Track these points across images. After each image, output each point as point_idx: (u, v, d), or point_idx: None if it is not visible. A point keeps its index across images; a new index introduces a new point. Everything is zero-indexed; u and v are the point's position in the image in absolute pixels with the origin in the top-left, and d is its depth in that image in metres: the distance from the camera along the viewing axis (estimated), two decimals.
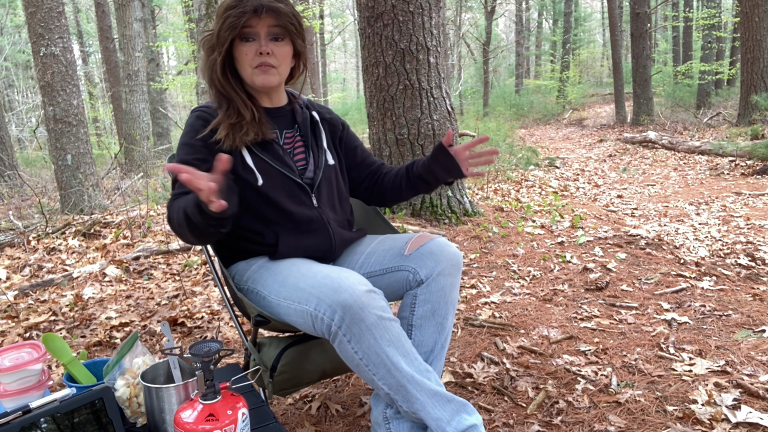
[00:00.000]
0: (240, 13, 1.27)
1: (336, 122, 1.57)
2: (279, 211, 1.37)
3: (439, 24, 3.73)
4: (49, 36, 5.44)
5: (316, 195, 1.42)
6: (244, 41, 1.32)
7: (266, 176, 1.35)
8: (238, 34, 1.31)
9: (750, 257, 3.09)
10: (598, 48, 27.96)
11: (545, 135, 13.64)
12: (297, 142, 1.47)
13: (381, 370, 1.15)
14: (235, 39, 1.32)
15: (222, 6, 1.31)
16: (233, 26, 1.29)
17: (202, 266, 3.26)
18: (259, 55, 1.32)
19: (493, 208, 4.23)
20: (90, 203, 5.63)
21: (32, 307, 2.74)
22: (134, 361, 1.17)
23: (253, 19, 1.30)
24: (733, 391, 1.61)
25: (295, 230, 1.38)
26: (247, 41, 1.32)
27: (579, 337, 2.08)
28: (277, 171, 1.37)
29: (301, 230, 1.39)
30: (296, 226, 1.39)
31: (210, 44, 1.35)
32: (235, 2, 1.29)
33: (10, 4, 19.32)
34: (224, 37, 1.31)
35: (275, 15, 1.30)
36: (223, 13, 1.30)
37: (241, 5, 1.28)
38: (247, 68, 1.34)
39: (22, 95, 21.01)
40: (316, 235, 1.40)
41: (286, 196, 1.37)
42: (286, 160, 1.40)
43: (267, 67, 1.34)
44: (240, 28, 1.30)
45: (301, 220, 1.39)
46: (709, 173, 6.90)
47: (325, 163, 1.47)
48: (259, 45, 1.32)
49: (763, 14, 9.08)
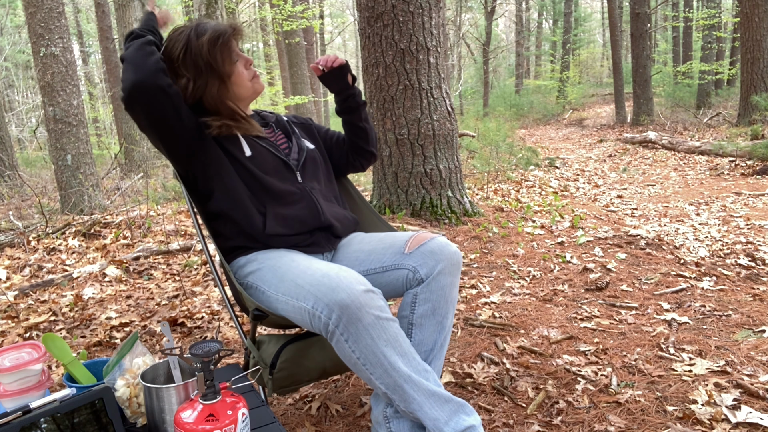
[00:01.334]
0: (228, 38, 1.41)
1: (302, 120, 1.72)
2: (264, 187, 1.42)
3: (439, 24, 3.73)
4: (49, 36, 5.44)
5: (300, 172, 1.50)
6: (236, 63, 1.45)
7: (255, 151, 1.44)
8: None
9: (750, 257, 3.09)
10: (598, 48, 27.96)
11: (545, 135, 13.64)
12: (278, 135, 1.58)
13: (378, 369, 1.15)
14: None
15: (204, 44, 1.38)
16: (230, 52, 1.42)
17: (202, 266, 3.26)
18: (249, 68, 1.48)
19: (493, 208, 4.23)
20: (90, 203, 5.63)
21: (32, 307, 2.74)
22: (134, 362, 1.17)
23: (234, 41, 1.44)
24: (733, 392, 1.61)
25: (282, 203, 1.44)
26: (237, 62, 1.45)
27: (579, 337, 2.08)
28: (265, 149, 1.47)
29: (287, 202, 1.44)
30: (282, 199, 1.44)
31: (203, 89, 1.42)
32: (216, 34, 1.39)
33: (10, 4, 19.33)
34: (230, 68, 1.43)
35: (239, 30, 1.46)
36: (212, 47, 1.39)
37: (223, 33, 1.40)
38: (246, 83, 1.47)
39: (22, 95, 21.02)
40: (302, 206, 1.46)
41: (272, 173, 1.44)
42: (273, 144, 1.51)
43: (256, 74, 1.50)
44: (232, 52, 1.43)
45: (286, 193, 1.44)
46: (709, 173, 6.90)
47: (306, 147, 1.58)
48: (245, 60, 1.47)
49: (763, 14, 9.08)
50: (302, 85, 11.69)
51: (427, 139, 3.72)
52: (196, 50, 1.38)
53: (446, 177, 3.79)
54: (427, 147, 3.72)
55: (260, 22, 15.73)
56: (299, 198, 1.46)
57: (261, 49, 21.22)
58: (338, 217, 1.53)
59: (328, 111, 18.55)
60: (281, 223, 1.41)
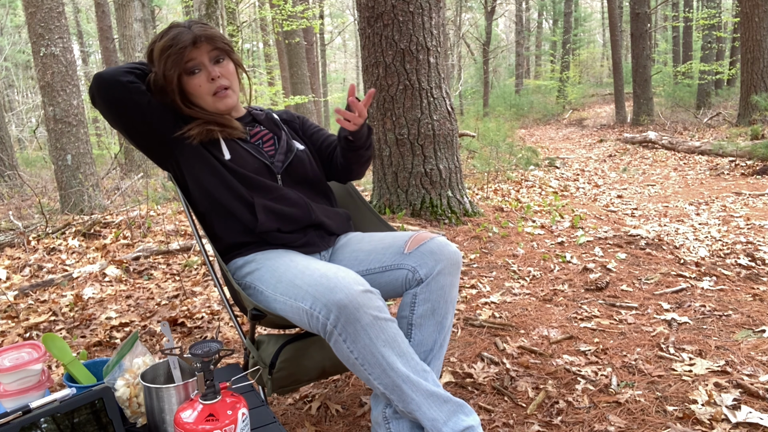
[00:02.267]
0: (180, 49, 1.35)
1: (292, 118, 1.67)
2: (248, 181, 1.41)
3: (439, 24, 3.73)
4: (49, 36, 5.44)
5: (282, 176, 1.48)
6: (191, 75, 1.40)
7: (235, 154, 1.43)
8: (183, 69, 1.38)
9: (750, 257, 3.09)
10: (598, 48, 27.96)
11: (545, 135, 13.64)
12: (265, 135, 1.55)
13: (376, 369, 1.15)
14: (181, 75, 1.40)
15: (157, 49, 1.37)
16: (176, 62, 1.36)
17: (202, 266, 3.26)
18: (211, 81, 1.40)
19: (493, 208, 4.23)
20: (90, 203, 5.63)
21: (32, 307, 2.74)
22: (134, 361, 1.17)
23: (192, 52, 1.37)
24: (733, 391, 1.61)
25: (269, 197, 1.43)
26: (194, 74, 1.40)
27: (579, 337, 2.08)
28: (246, 152, 1.45)
29: (274, 197, 1.43)
30: (269, 193, 1.43)
31: (159, 88, 1.40)
32: (170, 41, 1.35)
33: (10, 4, 19.32)
34: (171, 76, 1.37)
35: (210, 41, 1.39)
36: (161, 54, 1.36)
37: (178, 42, 1.35)
38: (206, 98, 1.42)
39: (22, 95, 21.01)
40: (290, 203, 1.44)
41: (254, 172, 1.43)
42: (255, 147, 1.49)
43: (224, 91, 1.42)
44: (183, 63, 1.37)
45: (272, 188, 1.44)
46: (709, 173, 6.90)
47: (296, 148, 1.54)
48: (207, 73, 1.40)
49: (763, 14, 9.08)
50: (302, 85, 11.69)
51: (427, 139, 3.72)
52: (153, 53, 1.39)
53: (446, 177, 3.79)
54: (427, 147, 3.72)
55: (260, 22, 15.73)
56: (286, 195, 1.45)
57: (261, 49, 21.22)
58: (328, 214, 1.53)
59: (328, 111, 18.55)
60: (272, 217, 1.41)
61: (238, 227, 1.43)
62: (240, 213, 1.41)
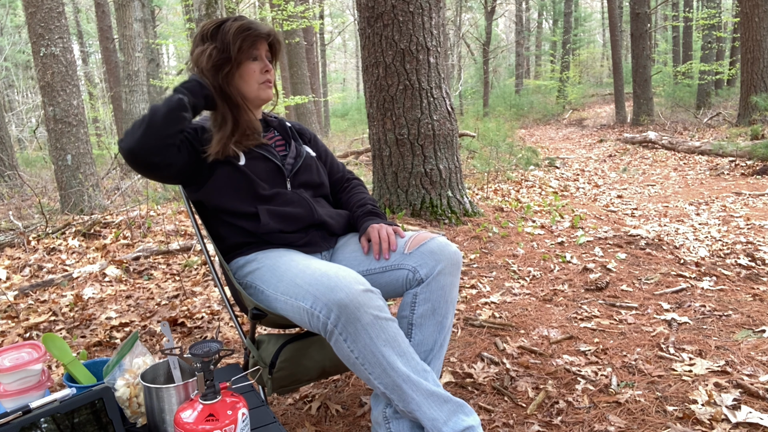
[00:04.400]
0: (258, 34, 1.45)
1: (304, 131, 1.71)
2: (254, 191, 1.44)
3: (439, 24, 3.73)
4: (49, 36, 5.44)
5: (291, 179, 1.50)
6: (253, 60, 1.48)
7: (249, 156, 1.46)
8: (246, 53, 1.46)
9: (750, 257, 3.09)
10: (598, 48, 27.96)
11: (545, 135, 13.64)
12: (276, 139, 1.59)
13: (377, 369, 1.15)
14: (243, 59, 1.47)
15: (234, 28, 1.43)
16: (252, 45, 1.45)
17: (202, 266, 3.26)
18: (264, 73, 1.49)
19: (493, 209, 4.23)
20: (90, 203, 5.63)
21: (32, 307, 2.74)
22: (134, 362, 1.17)
23: (263, 42, 1.48)
24: (733, 392, 1.61)
25: (273, 204, 1.46)
26: (255, 60, 1.48)
27: (579, 338, 2.08)
28: (260, 155, 1.47)
29: (278, 203, 1.46)
30: (273, 201, 1.46)
31: (217, 61, 1.44)
32: (249, 26, 1.44)
33: (10, 4, 19.33)
34: (240, 56, 1.44)
35: (276, 43, 1.52)
36: (239, 33, 1.43)
37: (255, 29, 1.45)
38: (253, 84, 1.49)
39: (22, 95, 21.01)
40: (295, 205, 1.47)
41: (263, 179, 1.45)
42: (267, 148, 1.51)
43: (269, 84, 1.51)
44: (249, 49, 1.46)
45: (277, 195, 1.46)
46: (709, 173, 6.90)
47: (305, 153, 1.58)
48: (264, 64, 1.49)
49: (763, 14, 9.08)
50: (302, 85, 11.69)
51: (427, 139, 3.72)
52: (226, 28, 1.43)
53: (446, 177, 3.79)
54: (427, 147, 3.72)
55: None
56: (290, 199, 1.47)
57: None
58: (331, 214, 1.54)
59: (328, 111, 18.55)
60: (275, 219, 1.43)
61: (242, 228, 1.44)
62: (245, 216, 1.43)
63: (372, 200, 1.63)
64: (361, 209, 1.58)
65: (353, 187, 1.69)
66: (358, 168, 8.06)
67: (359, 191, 1.67)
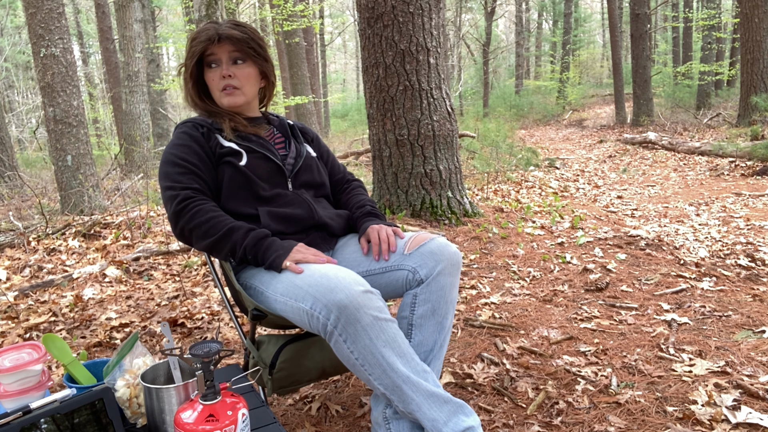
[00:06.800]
0: (200, 42, 1.44)
1: (307, 131, 1.71)
2: (255, 192, 1.44)
3: (439, 25, 3.74)
4: (50, 37, 5.44)
5: (292, 180, 1.50)
6: (209, 67, 1.48)
7: (250, 159, 1.45)
8: (204, 61, 1.48)
9: (750, 258, 3.09)
10: (598, 49, 27.97)
11: (545, 136, 13.64)
12: (276, 137, 1.59)
13: (377, 370, 1.15)
14: (204, 67, 1.49)
15: (188, 39, 1.48)
16: (194, 54, 1.46)
17: (202, 267, 3.26)
18: (222, 79, 1.47)
19: (493, 209, 4.23)
20: (90, 204, 5.63)
21: (32, 307, 2.74)
22: (134, 362, 1.17)
23: (213, 47, 1.45)
24: (733, 392, 1.61)
25: (273, 205, 1.46)
26: (211, 67, 1.48)
27: (579, 338, 2.08)
28: (261, 154, 1.47)
29: (279, 204, 1.46)
30: (273, 202, 1.46)
31: (184, 74, 1.51)
32: (196, 34, 1.46)
33: (10, 5, 19.34)
34: (189, 65, 1.48)
35: (231, 41, 1.45)
36: (188, 44, 1.48)
37: (201, 35, 1.45)
38: (215, 92, 1.50)
39: (22, 96, 21.01)
40: (295, 206, 1.47)
41: (264, 179, 1.45)
42: (268, 147, 1.51)
43: (231, 89, 1.48)
44: (204, 56, 1.47)
45: (277, 196, 1.46)
46: (709, 174, 6.90)
47: (306, 152, 1.58)
48: (222, 70, 1.47)
49: (763, 15, 9.09)
50: (302, 85, 11.70)
51: (427, 139, 3.72)
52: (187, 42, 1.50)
53: (446, 177, 3.79)
54: (427, 148, 3.73)
55: (260, 23, 15.75)
56: (291, 200, 1.47)
57: None
58: (331, 216, 1.54)
59: (328, 112, 18.56)
60: (275, 221, 1.43)
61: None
62: (246, 218, 1.43)
63: (371, 201, 1.63)
64: (360, 210, 1.58)
65: (353, 189, 1.69)
66: (358, 169, 8.06)
67: (359, 192, 1.68)
